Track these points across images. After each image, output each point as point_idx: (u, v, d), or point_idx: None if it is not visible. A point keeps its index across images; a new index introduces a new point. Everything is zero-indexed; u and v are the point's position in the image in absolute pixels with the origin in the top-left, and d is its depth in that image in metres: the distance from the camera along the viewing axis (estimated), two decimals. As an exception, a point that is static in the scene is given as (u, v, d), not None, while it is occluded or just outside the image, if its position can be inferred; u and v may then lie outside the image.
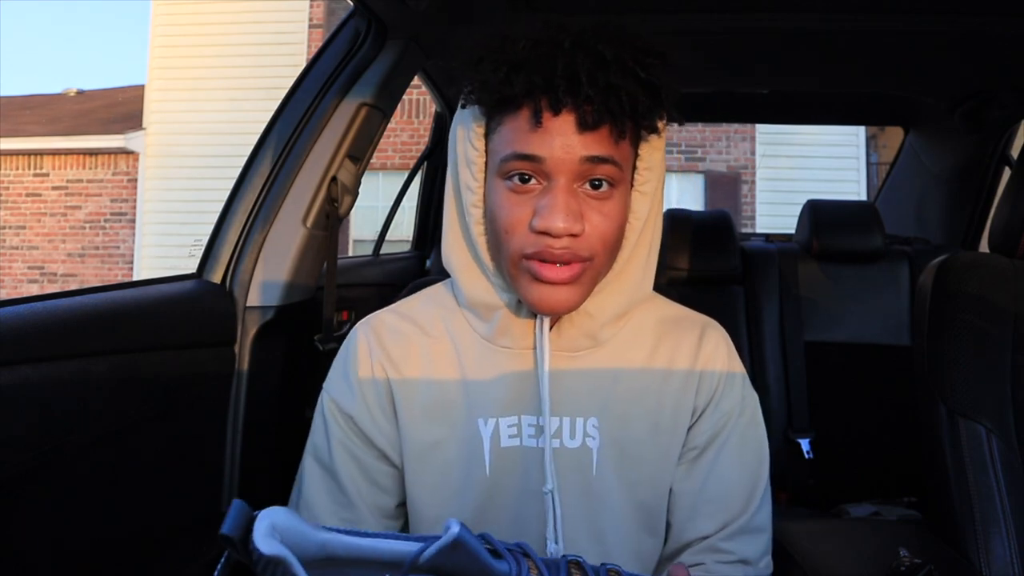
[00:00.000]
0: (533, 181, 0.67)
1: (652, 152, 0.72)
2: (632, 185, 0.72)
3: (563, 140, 0.65)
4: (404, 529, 0.81)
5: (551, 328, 0.74)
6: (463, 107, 0.72)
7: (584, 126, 0.65)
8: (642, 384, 0.76)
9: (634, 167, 0.72)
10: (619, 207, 0.69)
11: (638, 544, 0.76)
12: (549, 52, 0.65)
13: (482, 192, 0.72)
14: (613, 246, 0.70)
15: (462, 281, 0.76)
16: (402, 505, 0.80)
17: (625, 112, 0.65)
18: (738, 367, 0.81)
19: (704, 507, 0.76)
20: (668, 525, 0.78)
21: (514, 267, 0.69)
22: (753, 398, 0.81)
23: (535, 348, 0.74)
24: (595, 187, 0.67)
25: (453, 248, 0.77)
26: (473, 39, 0.70)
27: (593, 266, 0.69)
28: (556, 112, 0.65)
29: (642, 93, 0.65)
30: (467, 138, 0.72)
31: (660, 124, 0.70)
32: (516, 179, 0.67)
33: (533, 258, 0.67)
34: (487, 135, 0.71)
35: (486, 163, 0.72)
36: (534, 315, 0.74)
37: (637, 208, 0.72)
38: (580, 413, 0.74)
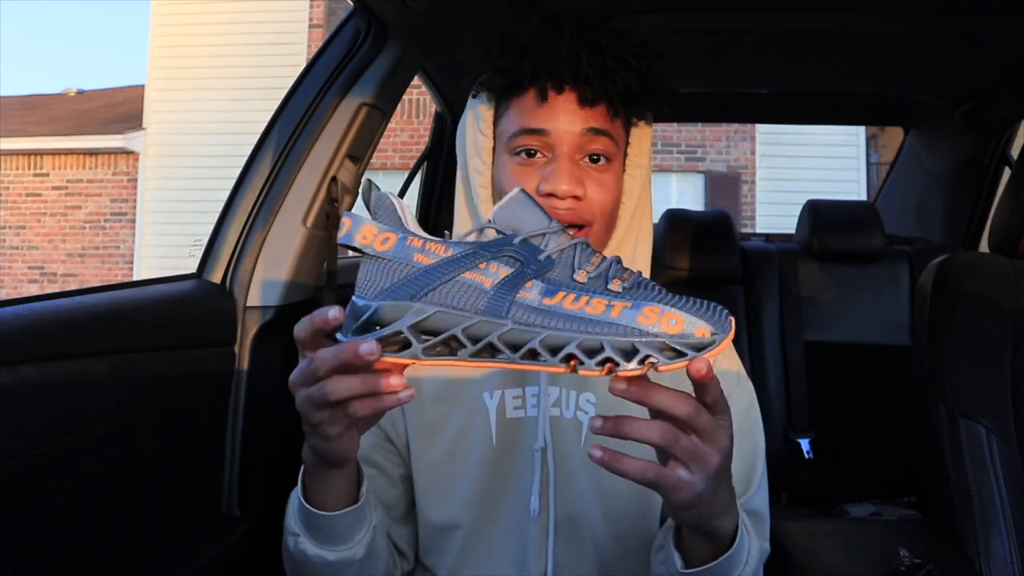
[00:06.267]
0: (539, 155, 0.75)
1: (640, 142, 0.80)
2: (624, 169, 0.80)
3: (566, 115, 0.74)
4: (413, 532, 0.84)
5: None
6: (474, 96, 0.81)
7: (584, 102, 0.74)
8: None
9: (625, 153, 0.80)
10: (615, 181, 0.77)
11: (647, 505, 0.80)
12: (552, 41, 0.74)
13: (489, 174, 0.79)
14: (610, 217, 0.77)
15: None
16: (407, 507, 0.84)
17: (619, 93, 0.74)
18: (733, 357, 0.85)
19: None
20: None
21: None
22: (748, 386, 0.85)
23: None
24: (594, 160, 0.76)
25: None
26: (478, 34, 0.78)
27: (592, 232, 0.76)
28: (559, 91, 0.74)
29: (634, 78, 0.74)
30: (476, 126, 0.80)
31: (648, 115, 0.79)
32: (523, 154, 0.75)
33: None
34: (496, 120, 0.79)
35: (494, 147, 0.80)
36: None
37: (628, 190, 0.80)
38: (575, 387, 0.79)
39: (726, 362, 0.84)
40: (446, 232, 0.64)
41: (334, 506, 0.66)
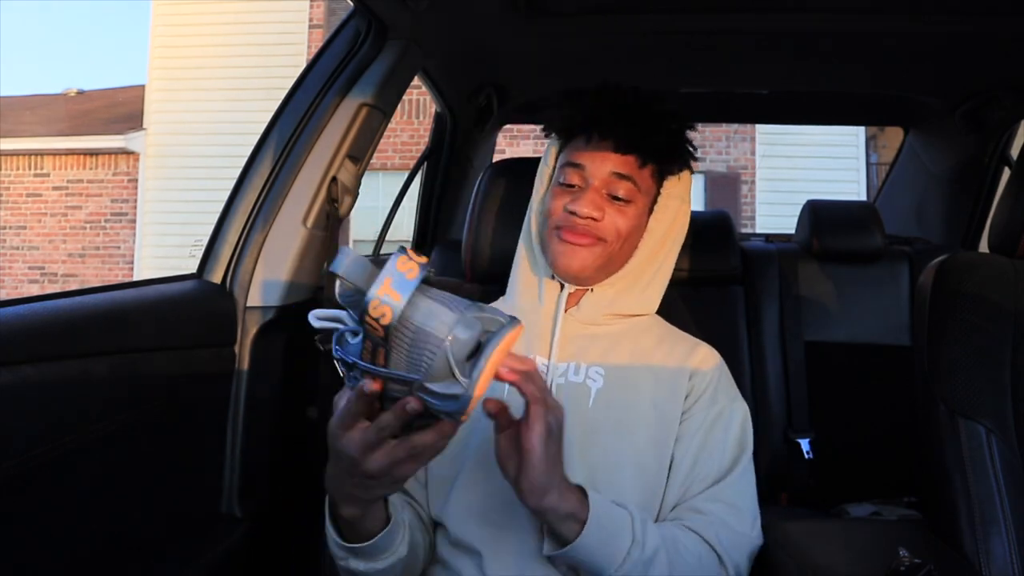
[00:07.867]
0: (576, 186, 0.93)
1: (669, 199, 0.97)
2: (651, 211, 0.96)
3: (601, 156, 0.92)
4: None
5: (574, 304, 0.96)
6: (546, 136, 1.02)
7: (618, 150, 0.92)
8: (642, 365, 0.93)
9: (655, 200, 0.97)
10: (635, 214, 0.93)
11: (630, 490, 0.86)
12: (607, 99, 0.94)
13: (543, 195, 1.00)
14: (625, 239, 0.93)
15: (517, 260, 1.01)
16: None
17: (650, 151, 0.92)
18: (729, 379, 0.96)
19: (678, 478, 0.88)
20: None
21: (550, 236, 0.94)
22: (743, 406, 0.95)
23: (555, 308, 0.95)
24: (615, 199, 0.92)
25: (522, 243, 1.01)
26: (559, 91, 0.98)
27: (606, 246, 0.92)
28: (603, 137, 0.93)
29: (666, 143, 0.93)
30: (544, 158, 1.02)
31: (679, 174, 0.97)
32: (566, 182, 0.94)
33: (562, 227, 0.92)
34: (557, 156, 1.00)
35: (551, 175, 1.00)
36: (560, 288, 0.96)
37: (651, 230, 0.97)
38: (586, 360, 0.92)
39: (720, 372, 0.95)
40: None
41: (368, 530, 0.75)
